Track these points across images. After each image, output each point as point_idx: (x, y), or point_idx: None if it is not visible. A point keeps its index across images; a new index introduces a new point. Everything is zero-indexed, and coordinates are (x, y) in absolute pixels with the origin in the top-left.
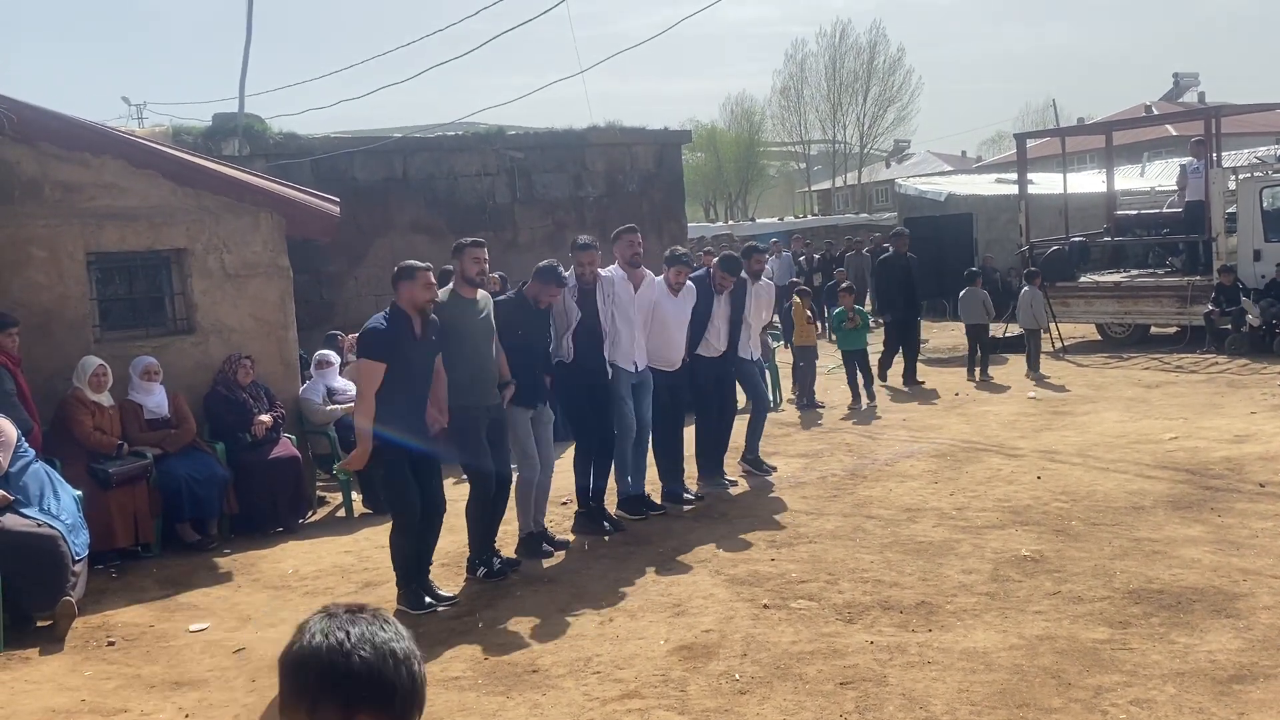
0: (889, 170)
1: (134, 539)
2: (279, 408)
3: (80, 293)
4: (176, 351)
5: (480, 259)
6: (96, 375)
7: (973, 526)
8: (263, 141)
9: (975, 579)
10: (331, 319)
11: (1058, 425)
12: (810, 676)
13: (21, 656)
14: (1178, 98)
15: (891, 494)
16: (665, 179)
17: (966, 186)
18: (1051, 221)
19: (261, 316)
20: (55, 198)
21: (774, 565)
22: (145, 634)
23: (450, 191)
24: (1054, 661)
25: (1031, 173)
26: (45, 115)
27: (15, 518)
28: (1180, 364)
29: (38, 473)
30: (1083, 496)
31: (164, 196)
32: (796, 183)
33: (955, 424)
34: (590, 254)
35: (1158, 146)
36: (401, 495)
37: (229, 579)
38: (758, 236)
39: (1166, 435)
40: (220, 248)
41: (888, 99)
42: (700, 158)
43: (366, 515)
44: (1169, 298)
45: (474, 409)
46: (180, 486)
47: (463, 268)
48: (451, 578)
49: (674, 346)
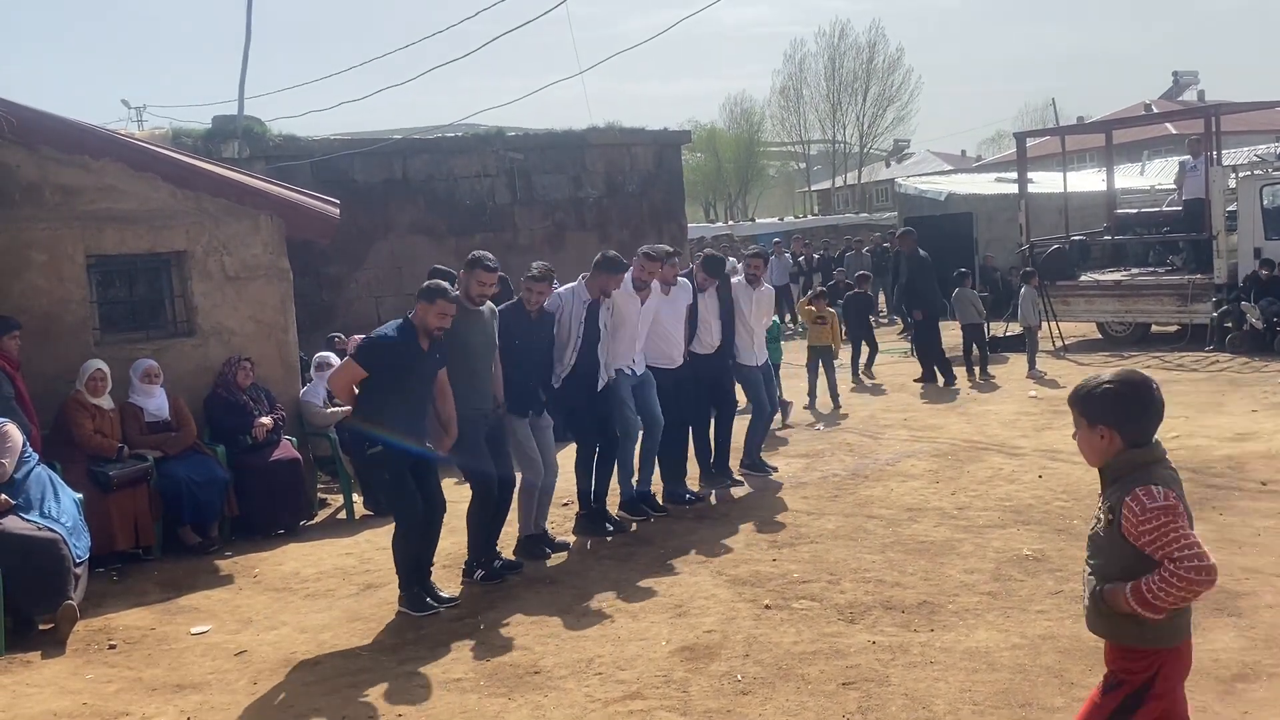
0: (889, 170)
1: (135, 542)
2: (279, 410)
3: (80, 296)
4: (177, 354)
5: (487, 284)
6: (96, 379)
7: (974, 526)
8: (262, 144)
9: (977, 578)
10: (332, 321)
11: (1059, 424)
12: (812, 677)
13: (23, 660)
14: (1177, 96)
15: (893, 494)
16: (665, 179)
17: (966, 186)
18: (1052, 220)
19: (262, 319)
20: (55, 201)
21: (776, 565)
22: (146, 637)
23: (450, 193)
24: (1056, 660)
25: (1031, 172)
26: (44, 118)
27: (16, 520)
28: (1181, 362)
29: (40, 476)
30: (1085, 495)
31: (164, 199)
32: (796, 183)
33: (956, 423)
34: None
35: (1157, 145)
36: (403, 498)
37: (230, 582)
38: (758, 237)
39: (1168, 434)
40: (220, 250)
41: (887, 98)
42: (700, 158)
43: (367, 517)
44: (1169, 296)
45: (473, 415)
46: (181, 489)
47: (469, 286)
48: (452, 579)
49: (672, 343)
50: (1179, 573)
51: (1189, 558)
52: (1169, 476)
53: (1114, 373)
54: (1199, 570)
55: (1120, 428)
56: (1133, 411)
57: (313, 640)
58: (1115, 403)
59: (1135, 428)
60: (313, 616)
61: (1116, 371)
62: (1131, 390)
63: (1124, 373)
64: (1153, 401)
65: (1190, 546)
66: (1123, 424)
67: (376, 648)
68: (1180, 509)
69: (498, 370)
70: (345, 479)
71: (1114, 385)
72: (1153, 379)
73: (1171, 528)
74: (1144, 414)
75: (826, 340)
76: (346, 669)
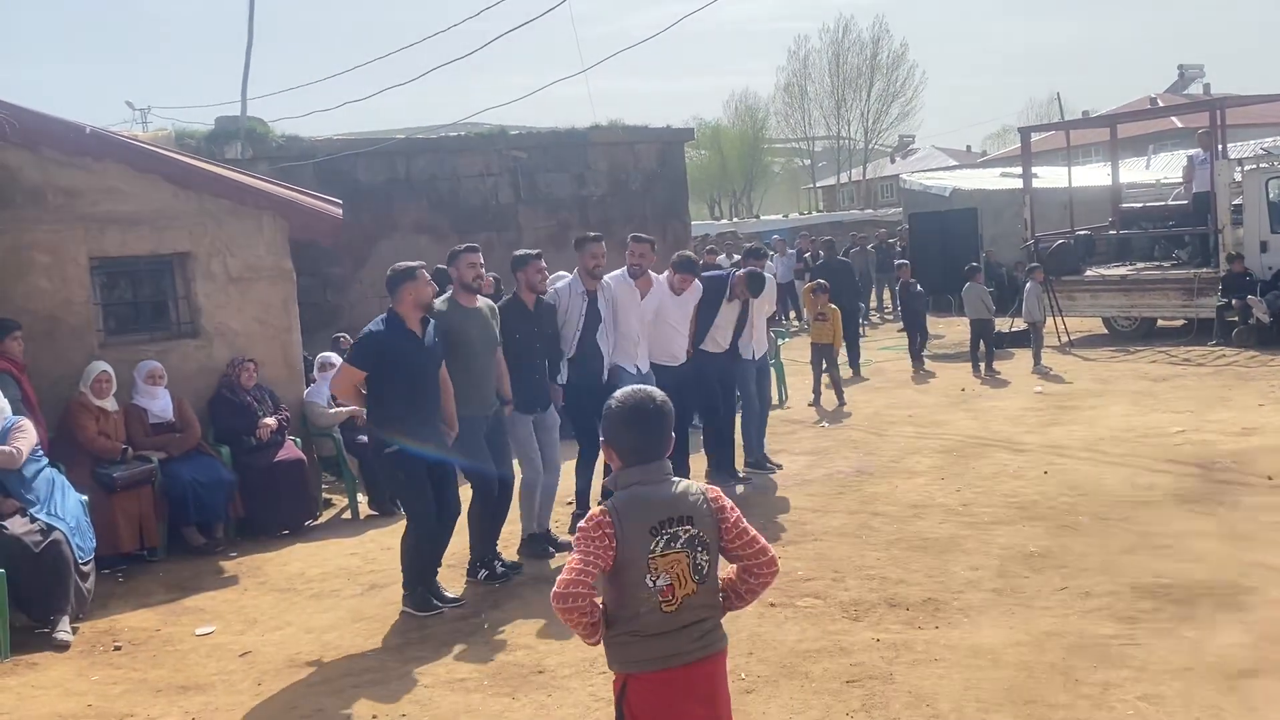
0: (894, 166)
1: (139, 543)
2: (284, 411)
3: (84, 298)
4: (180, 355)
5: (475, 264)
6: (100, 381)
7: (979, 522)
8: (265, 144)
9: (982, 575)
10: (336, 321)
11: (1064, 420)
12: (816, 675)
13: (28, 662)
14: (1183, 90)
15: (898, 490)
16: (668, 177)
17: (971, 181)
18: (1057, 215)
19: (265, 320)
20: (57, 203)
21: (780, 563)
22: (152, 638)
23: (453, 192)
24: (1062, 657)
25: (1036, 166)
26: (46, 120)
27: (20, 522)
28: (1188, 357)
29: (45, 476)
30: (1090, 491)
31: (166, 200)
32: (801, 179)
33: (961, 419)
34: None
35: (1163, 139)
36: (419, 500)
37: (235, 582)
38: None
39: (1174, 429)
40: (223, 251)
41: (891, 94)
42: (704, 155)
43: (372, 517)
44: (1175, 290)
45: (474, 414)
46: (185, 490)
47: (459, 274)
48: (456, 579)
49: (676, 342)
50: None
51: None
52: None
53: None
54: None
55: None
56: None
57: (318, 640)
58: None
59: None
60: (318, 617)
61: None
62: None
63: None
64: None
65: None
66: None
67: (381, 648)
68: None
69: (503, 368)
70: (349, 479)
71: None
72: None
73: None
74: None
75: (829, 338)
76: (351, 669)
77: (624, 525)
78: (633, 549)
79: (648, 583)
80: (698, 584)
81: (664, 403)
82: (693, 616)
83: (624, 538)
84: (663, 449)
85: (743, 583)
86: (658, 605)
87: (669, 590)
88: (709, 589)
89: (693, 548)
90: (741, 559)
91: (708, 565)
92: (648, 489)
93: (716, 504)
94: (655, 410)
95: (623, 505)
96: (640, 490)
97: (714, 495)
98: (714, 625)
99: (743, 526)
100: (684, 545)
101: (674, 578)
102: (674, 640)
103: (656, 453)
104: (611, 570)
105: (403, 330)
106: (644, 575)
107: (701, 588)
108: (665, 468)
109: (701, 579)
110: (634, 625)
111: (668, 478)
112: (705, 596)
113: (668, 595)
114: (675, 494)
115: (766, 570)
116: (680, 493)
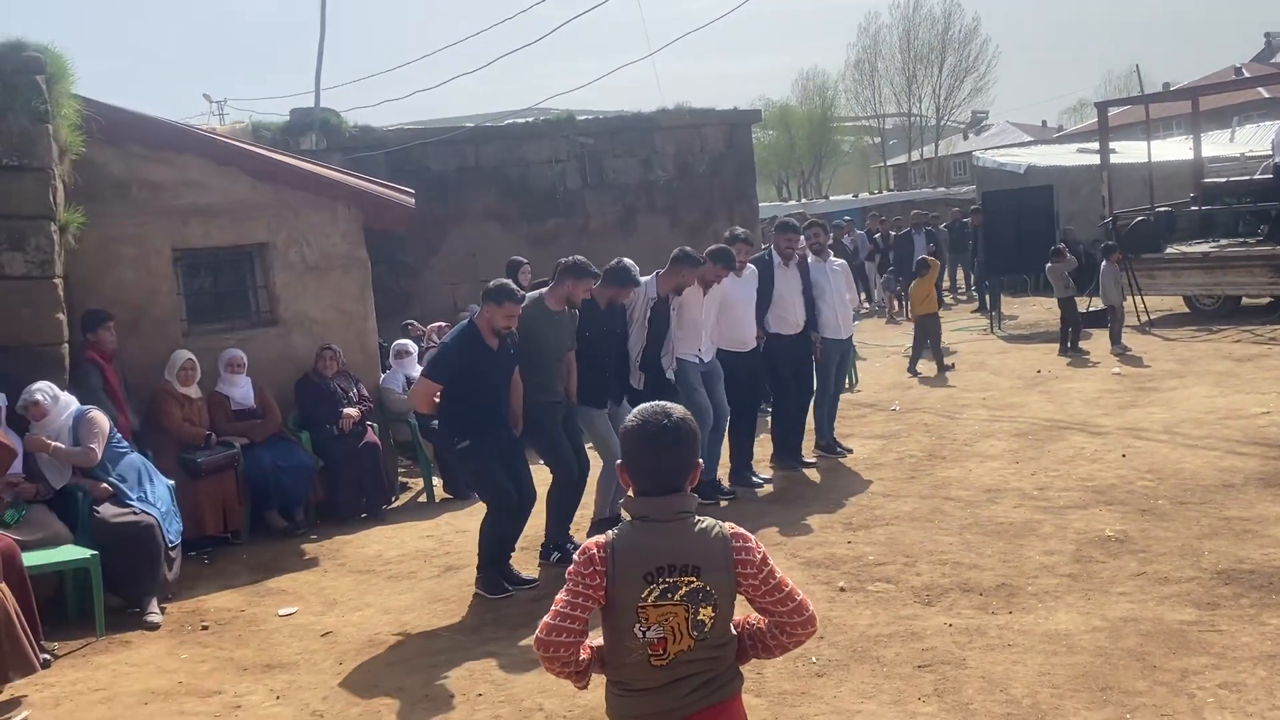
0: (966, 142)
1: (224, 527)
2: (367, 400)
3: (168, 288)
4: (260, 344)
5: (589, 290)
6: (185, 369)
7: (1055, 506)
8: (339, 135)
9: (1057, 560)
10: (409, 308)
11: (1143, 401)
12: (888, 659)
13: (121, 640)
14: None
15: (971, 474)
16: (735, 159)
17: (1047, 157)
18: (1136, 192)
19: (342, 307)
20: (142, 197)
21: (850, 548)
22: (237, 618)
23: (522, 179)
24: (1139, 644)
25: (1114, 141)
26: (131, 117)
27: (113, 507)
28: (1273, 336)
29: (133, 462)
30: (1170, 474)
31: (245, 192)
32: (871, 158)
33: (1037, 402)
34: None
35: (1248, 110)
36: (496, 487)
37: (316, 564)
38: (831, 214)
39: (1258, 410)
40: (300, 241)
41: (964, 69)
42: (772, 136)
43: (447, 500)
44: (1261, 267)
45: (549, 403)
46: (267, 475)
47: (571, 291)
48: (530, 561)
49: (745, 326)
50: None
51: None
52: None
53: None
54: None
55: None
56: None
57: (395, 621)
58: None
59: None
60: (395, 598)
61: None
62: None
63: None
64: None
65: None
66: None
67: (457, 628)
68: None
69: (573, 369)
70: (425, 463)
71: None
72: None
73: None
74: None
75: (932, 308)
76: (428, 649)
77: (616, 564)
78: (623, 592)
79: (636, 632)
80: (695, 640)
81: (682, 421)
82: (687, 671)
83: (615, 577)
84: (680, 479)
85: (772, 637)
86: (646, 658)
87: (660, 645)
88: (711, 645)
89: (694, 601)
90: (772, 614)
91: (711, 622)
92: (651, 528)
93: (740, 555)
94: (671, 429)
95: (620, 542)
96: (643, 527)
97: (739, 545)
98: (715, 676)
99: (775, 580)
100: (683, 599)
101: (667, 631)
102: (662, 697)
103: (673, 483)
104: (605, 606)
105: (479, 344)
106: (633, 623)
107: (700, 644)
108: (680, 504)
109: (701, 636)
110: (621, 675)
111: (683, 517)
112: (705, 652)
113: (658, 650)
114: (684, 538)
115: (801, 631)
116: (692, 538)
